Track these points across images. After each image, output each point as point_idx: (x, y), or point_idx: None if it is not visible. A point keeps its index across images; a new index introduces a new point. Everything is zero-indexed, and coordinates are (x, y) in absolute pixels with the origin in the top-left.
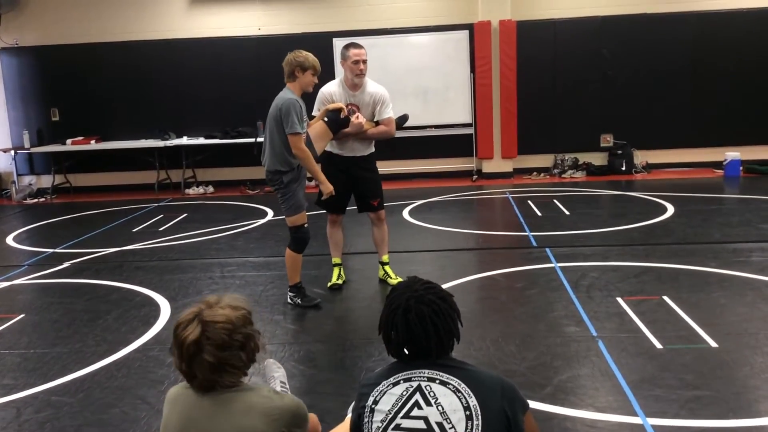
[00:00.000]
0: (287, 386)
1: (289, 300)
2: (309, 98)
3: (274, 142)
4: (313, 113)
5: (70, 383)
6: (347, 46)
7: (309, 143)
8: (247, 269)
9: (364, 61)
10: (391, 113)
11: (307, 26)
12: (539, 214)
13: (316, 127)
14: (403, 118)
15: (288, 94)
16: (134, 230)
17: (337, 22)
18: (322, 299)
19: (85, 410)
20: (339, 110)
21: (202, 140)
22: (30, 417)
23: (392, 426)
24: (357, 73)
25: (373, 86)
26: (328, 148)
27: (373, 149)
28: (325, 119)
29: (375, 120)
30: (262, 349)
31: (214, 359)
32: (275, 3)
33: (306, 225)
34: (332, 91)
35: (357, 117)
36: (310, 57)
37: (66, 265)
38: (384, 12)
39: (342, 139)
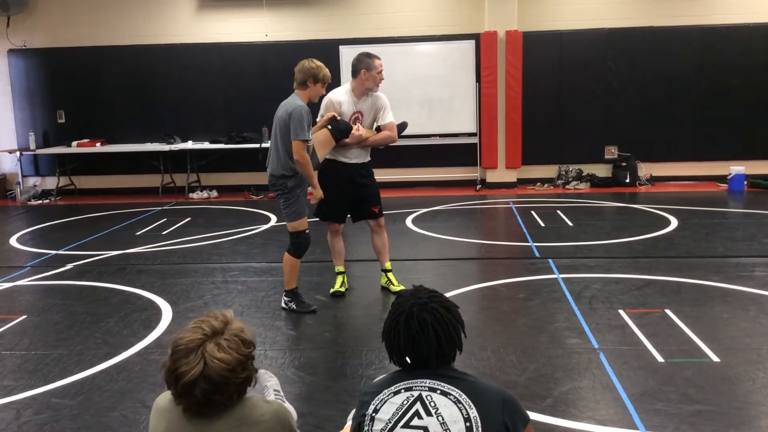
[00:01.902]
0: (281, 394)
1: (283, 305)
2: (314, 106)
3: (280, 147)
4: (317, 119)
5: (70, 385)
6: (371, 57)
7: (312, 151)
8: (250, 274)
9: None
10: (392, 118)
11: (314, 33)
12: (542, 224)
13: (320, 135)
14: (403, 126)
15: (297, 100)
16: (137, 233)
17: (344, 30)
18: (324, 306)
19: (85, 413)
20: (342, 119)
21: (207, 145)
22: (29, 419)
23: None
24: (379, 82)
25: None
26: (331, 156)
27: (369, 157)
28: (329, 127)
29: (376, 126)
30: (253, 381)
31: (205, 399)
32: (283, 9)
33: (307, 231)
34: (340, 99)
35: (357, 128)
36: (324, 69)
37: (69, 267)
38: (391, 20)
39: (343, 147)
